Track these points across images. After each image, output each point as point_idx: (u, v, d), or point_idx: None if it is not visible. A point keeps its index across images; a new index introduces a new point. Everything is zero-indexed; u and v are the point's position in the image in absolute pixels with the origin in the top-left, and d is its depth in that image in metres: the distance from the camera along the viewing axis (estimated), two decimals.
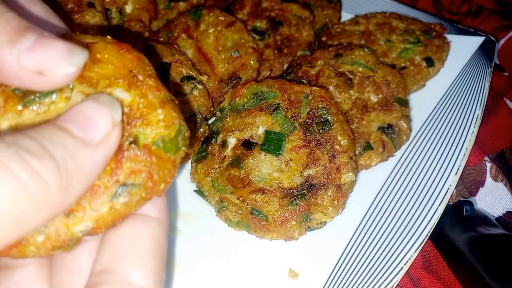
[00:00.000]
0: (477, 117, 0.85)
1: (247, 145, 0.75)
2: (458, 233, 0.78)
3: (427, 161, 0.81)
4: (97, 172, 0.37)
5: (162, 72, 0.81)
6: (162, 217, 0.43)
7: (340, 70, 0.85)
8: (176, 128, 0.45)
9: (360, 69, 0.84)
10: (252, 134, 0.76)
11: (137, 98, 0.44)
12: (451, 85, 0.92)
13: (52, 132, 0.34)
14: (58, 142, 0.34)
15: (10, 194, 0.30)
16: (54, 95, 0.40)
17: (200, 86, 0.83)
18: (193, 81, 0.83)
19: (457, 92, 0.91)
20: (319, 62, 0.87)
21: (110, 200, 0.38)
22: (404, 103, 0.83)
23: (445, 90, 0.92)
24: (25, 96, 0.39)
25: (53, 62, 0.36)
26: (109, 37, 0.45)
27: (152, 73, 0.47)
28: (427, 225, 0.73)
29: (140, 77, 0.46)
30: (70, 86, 0.40)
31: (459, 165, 0.79)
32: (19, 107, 0.39)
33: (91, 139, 0.36)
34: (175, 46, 0.89)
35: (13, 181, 0.30)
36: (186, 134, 0.47)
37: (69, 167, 0.34)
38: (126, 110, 0.41)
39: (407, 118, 0.83)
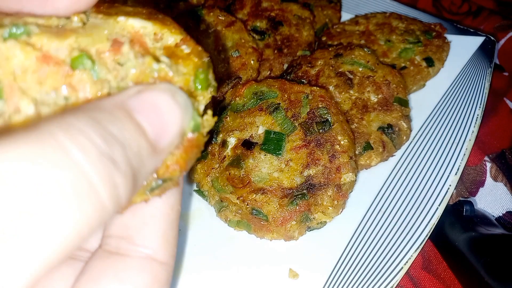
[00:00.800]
0: (477, 117, 0.85)
1: (247, 145, 0.75)
2: (458, 233, 0.78)
3: (427, 161, 0.81)
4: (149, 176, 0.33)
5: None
6: (179, 190, 0.41)
7: (340, 70, 0.85)
8: (206, 63, 0.41)
9: (360, 69, 0.84)
10: (252, 134, 0.76)
11: (157, 30, 0.39)
12: (451, 85, 0.92)
13: (131, 128, 0.29)
14: (136, 146, 0.29)
15: (83, 205, 0.25)
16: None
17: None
18: None
19: (457, 92, 0.91)
20: (319, 62, 0.87)
21: (145, 193, 0.36)
22: (404, 103, 0.83)
23: (445, 90, 0.92)
24: None
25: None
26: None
27: (171, 19, 0.43)
28: (427, 225, 0.73)
29: (160, 16, 0.42)
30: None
31: (459, 165, 0.79)
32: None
33: (159, 144, 0.31)
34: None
35: (88, 189, 0.25)
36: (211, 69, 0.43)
37: (139, 181, 0.30)
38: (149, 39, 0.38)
39: (407, 118, 0.83)
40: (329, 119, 0.74)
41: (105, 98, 0.31)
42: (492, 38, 0.96)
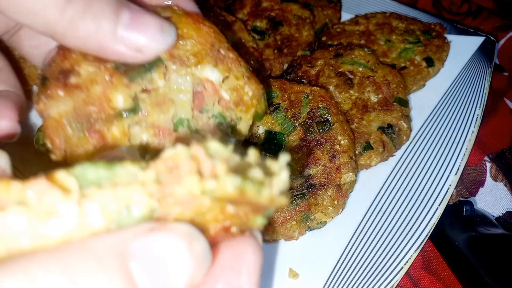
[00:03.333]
0: (477, 117, 0.85)
1: (247, 144, 0.75)
2: (458, 233, 0.78)
3: (427, 161, 0.81)
4: None
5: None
6: None
7: (340, 70, 0.85)
8: (263, 96, 0.52)
9: (360, 69, 0.84)
10: (252, 134, 0.76)
11: (224, 77, 0.47)
12: (451, 85, 0.92)
13: (112, 279, 0.25)
14: None
15: None
16: (152, 71, 0.43)
17: None
18: None
19: (457, 92, 0.91)
20: (319, 62, 0.87)
21: None
22: (404, 103, 0.83)
23: (445, 90, 0.91)
24: (126, 72, 0.42)
25: (149, 40, 0.39)
26: (176, 7, 0.47)
27: (229, 45, 0.51)
28: (427, 225, 0.73)
29: (222, 52, 0.49)
30: (161, 59, 0.43)
31: (459, 165, 0.79)
32: (125, 81, 0.42)
33: None
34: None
35: None
36: (265, 96, 0.54)
37: None
38: (223, 94, 0.46)
39: (407, 118, 0.83)
40: (329, 119, 0.74)
41: (104, 236, 0.26)
42: (492, 38, 0.96)
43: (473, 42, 0.96)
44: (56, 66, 0.44)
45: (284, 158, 0.29)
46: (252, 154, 0.29)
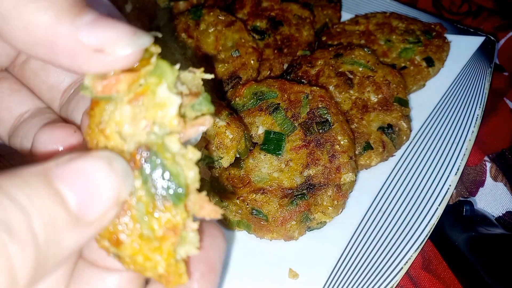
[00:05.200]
0: (477, 117, 0.85)
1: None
2: (458, 233, 0.78)
3: (427, 161, 0.81)
4: (75, 251, 0.30)
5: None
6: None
7: (340, 70, 0.85)
8: (242, 137, 0.64)
9: (360, 69, 0.84)
10: (252, 134, 0.76)
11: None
12: (451, 85, 0.92)
13: (44, 195, 0.27)
14: (47, 215, 0.26)
15: None
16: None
17: None
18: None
19: (457, 92, 0.91)
20: (319, 62, 0.87)
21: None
22: (404, 103, 0.83)
23: (445, 90, 0.91)
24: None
25: (114, 40, 0.31)
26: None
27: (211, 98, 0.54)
28: (427, 225, 0.73)
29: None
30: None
31: (459, 165, 0.79)
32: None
33: (85, 216, 0.28)
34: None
35: None
36: (247, 137, 0.66)
37: (49, 254, 0.27)
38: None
39: (407, 118, 0.83)
40: (329, 119, 0.74)
41: (31, 166, 0.28)
42: (492, 38, 0.96)
43: (473, 42, 0.96)
44: None
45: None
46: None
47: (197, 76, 0.37)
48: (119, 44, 0.31)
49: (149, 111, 0.32)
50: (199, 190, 0.33)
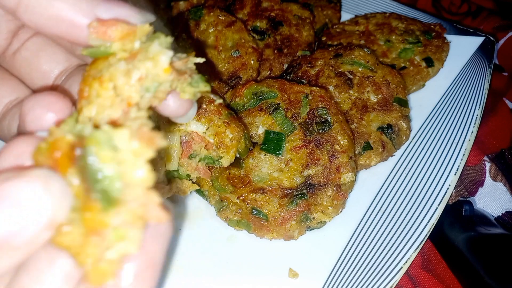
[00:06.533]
0: (476, 117, 0.85)
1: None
2: (458, 232, 0.78)
3: (427, 161, 0.81)
4: (5, 273, 0.30)
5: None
6: None
7: (340, 70, 0.85)
8: (242, 137, 0.65)
9: (360, 69, 0.84)
10: (252, 134, 0.76)
11: (207, 127, 0.60)
12: (450, 85, 0.92)
13: None
14: None
15: None
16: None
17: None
18: None
19: (456, 92, 0.91)
20: (319, 62, 0.87)
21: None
22: (403, 103, 0.83)
23: (445, 90, 0.92)
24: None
25: (126, 15, 0.38)
26: None
27: (210, 97, 0.62)
28: (426, 224, 0.73)
29: (204, 106, 0.62)
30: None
31: (459, 165, 0.79)
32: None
33: (12, 242, 0.28)
34: None
35: None
36: (247, 136, 0.68)
37: None
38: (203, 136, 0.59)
39: (407, 118, 0.83)
40: (329, 119, 0.74)
41: None
42: (492, 38, 0.96)
43: (473, 42, 0.97)
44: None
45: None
46: None
47: (190, 60, 0.39)
48: (130, 18, 0.37)
49: (142, 64, 0.35)
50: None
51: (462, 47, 0.96)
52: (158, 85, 0.36)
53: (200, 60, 0.39)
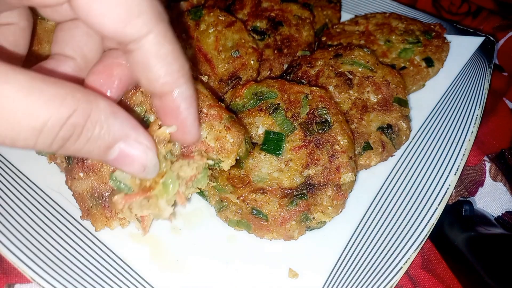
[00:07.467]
0: (476, 117, 0.85)
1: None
2: (458, 232, 0.78)
3: (427, 161, 0.82)
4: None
5: None
6: None
7: (340, 70, 0.85)
8: (243, 141, 0.67)
9: (360, 69, 0.84)
10: (252, 134, 0.77)
11: (208, 132, 0.65)
12: (450, 85, 0.92)
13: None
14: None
15: None
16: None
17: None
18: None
19: (456, 92, 0.91)
20: (319, 62, 0.87)
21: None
22: (403, 103, 0.83)
23: (445, 90, 0.92)
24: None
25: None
26: None
27: (211, 102, 0.67)
28: (426, 224, 0.73)
29: (205, 111, 0.66)
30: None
31: (459, 165, 0.79)
32: None
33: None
34: None
35: None
36: (248, 139, 0.70)
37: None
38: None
39: (407, 118, 0.83)
40: (329, 119, 0.74)
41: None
42: (492, 38, 0.97)
43: (473, 42, 0.97)
44: None
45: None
46: None
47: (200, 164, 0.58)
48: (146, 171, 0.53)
49: (151, 208, 0.53)
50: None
51: (462, 47, 0.96)
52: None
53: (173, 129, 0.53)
